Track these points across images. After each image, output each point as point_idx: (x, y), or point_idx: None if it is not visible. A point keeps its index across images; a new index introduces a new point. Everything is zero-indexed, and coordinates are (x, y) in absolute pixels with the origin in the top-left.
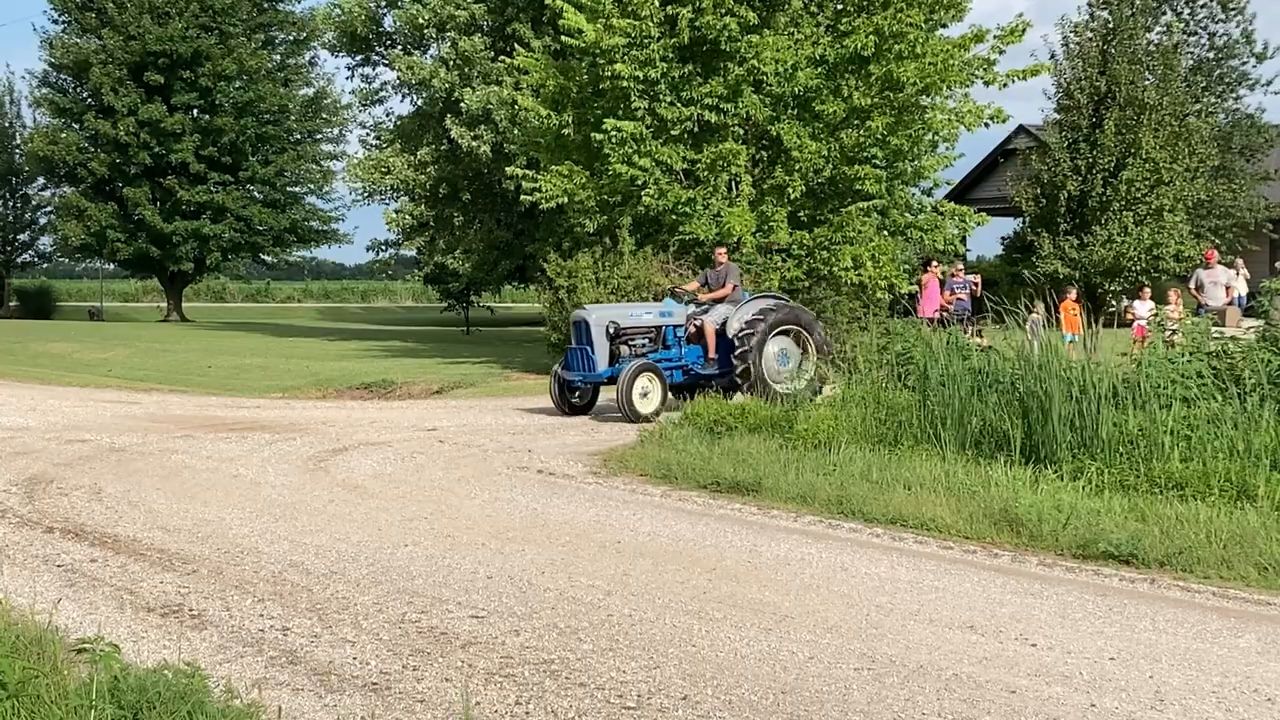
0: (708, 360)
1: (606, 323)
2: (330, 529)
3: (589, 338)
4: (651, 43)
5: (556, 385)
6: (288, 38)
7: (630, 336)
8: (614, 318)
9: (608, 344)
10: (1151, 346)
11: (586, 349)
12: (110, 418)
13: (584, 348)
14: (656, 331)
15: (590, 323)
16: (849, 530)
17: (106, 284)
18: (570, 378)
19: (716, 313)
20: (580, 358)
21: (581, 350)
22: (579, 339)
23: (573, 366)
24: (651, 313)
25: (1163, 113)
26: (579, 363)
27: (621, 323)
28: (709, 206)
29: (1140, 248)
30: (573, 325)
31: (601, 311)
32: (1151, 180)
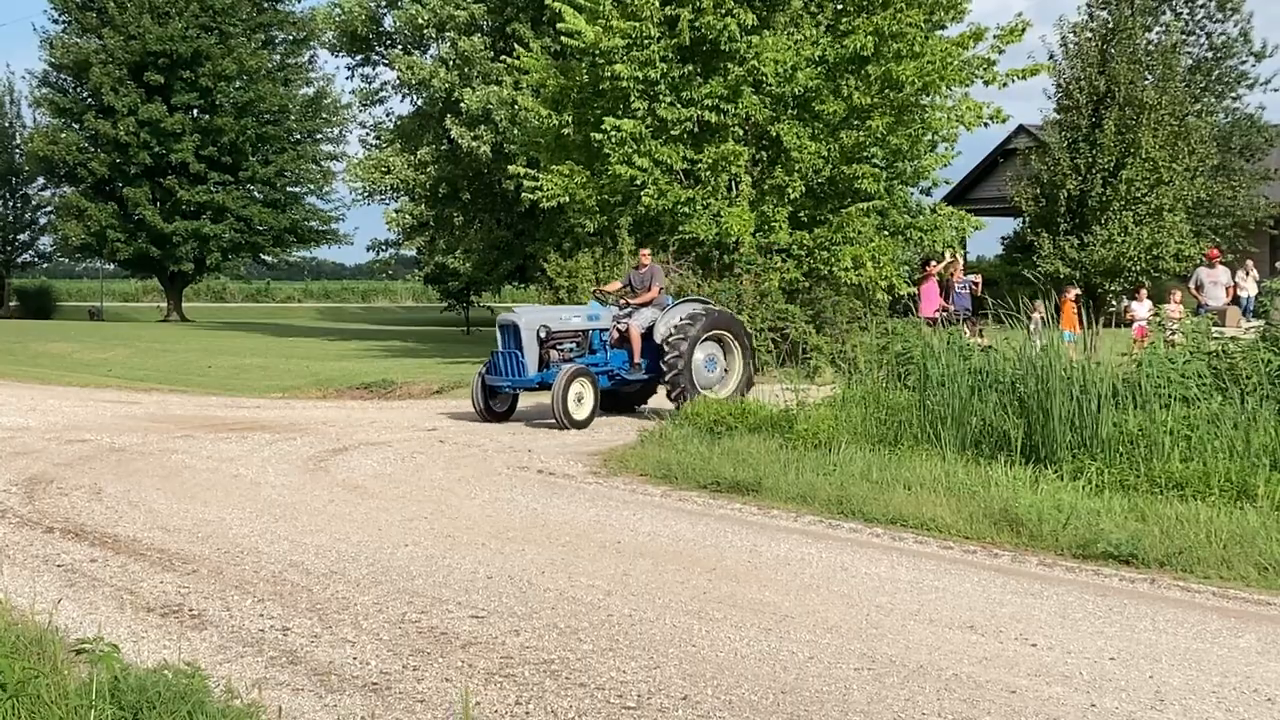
0: (633, 365)
1: (537, 327)
2: (330, 529)
3: (519, 342)
4: (651, 43)
5: (480, 391)
6: (288, 38)
7: (559, 341)
8: (544, 321)
9: (538, 349)
10: (1151, 346)
11: (516, 354)
12: (110, 418)
13: (513, 352)
14: (583, 336)
15: (520, 326)
16: (849, 530)
17: (106, 284)
18: (498, 383)
19: (642, 316)
20: (509, 362)
21: (511, 355)
22: (507, 343)
23: (500, 371)
24: (579, 316)
25: (1162, 112)
26: (508, 368)
27: (553, 327)
28: (709, 207)
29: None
30: (500, 329)
31: (532, 315)
32: (1151, 180)
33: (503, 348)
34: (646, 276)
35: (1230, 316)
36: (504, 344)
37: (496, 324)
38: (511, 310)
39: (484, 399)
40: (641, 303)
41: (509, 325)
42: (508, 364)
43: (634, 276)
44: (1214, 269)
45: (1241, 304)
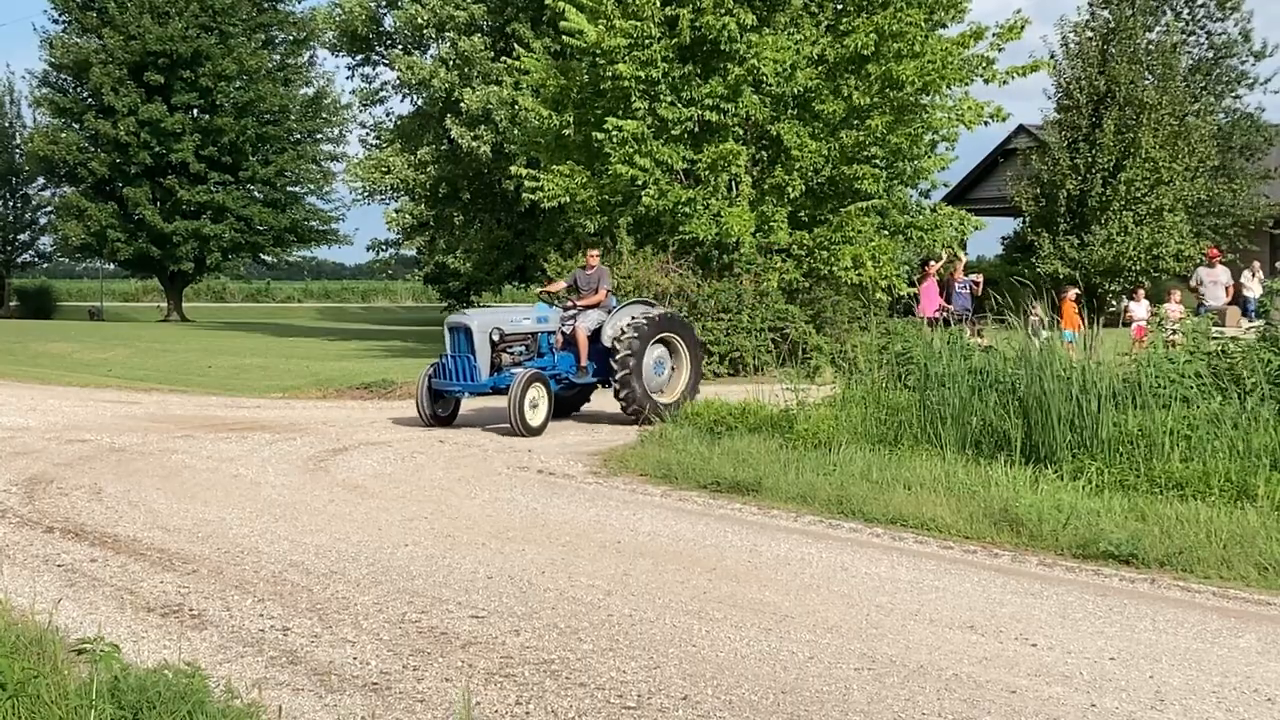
0: (580, 369)
1: (490, 329)
2: (330, 529)
3: (471, 345)
4: (652, 43)
5: (426, 396)
6: (288, 38)
7: (510, 344)
8: (497, 324)
9: (490, 352)
10: (1151, 346)
11: (468, 357)
12: (110, 418)
13: (465, 356)
14: (533, 338)
15: (473, 329)
16: (849, 530)
17: (106, 284)
18: (448, 388)
19: (589, 318)
20: (461, 366)
21: (463, 359)
22: (457, 347)
23: (451, 375)
24: (530, 318)
25: (1162, 112)
26: (459, 372)
27: (505, 329)
28: (709, 206)
29: (1140, 247)
30: (449, 332)
31: (484, 317)
32: (1151, 180)
33: (453, 351)
34: (594, 278)
35: (1230, 316)
36: (455, 347)
37: (445, 326)
38: (462, 312)
39: (430, 404)
40: (589, 304)
41: (460, 328)
42: (459, 368)
43: (581, 277)
44: (1213, 269)
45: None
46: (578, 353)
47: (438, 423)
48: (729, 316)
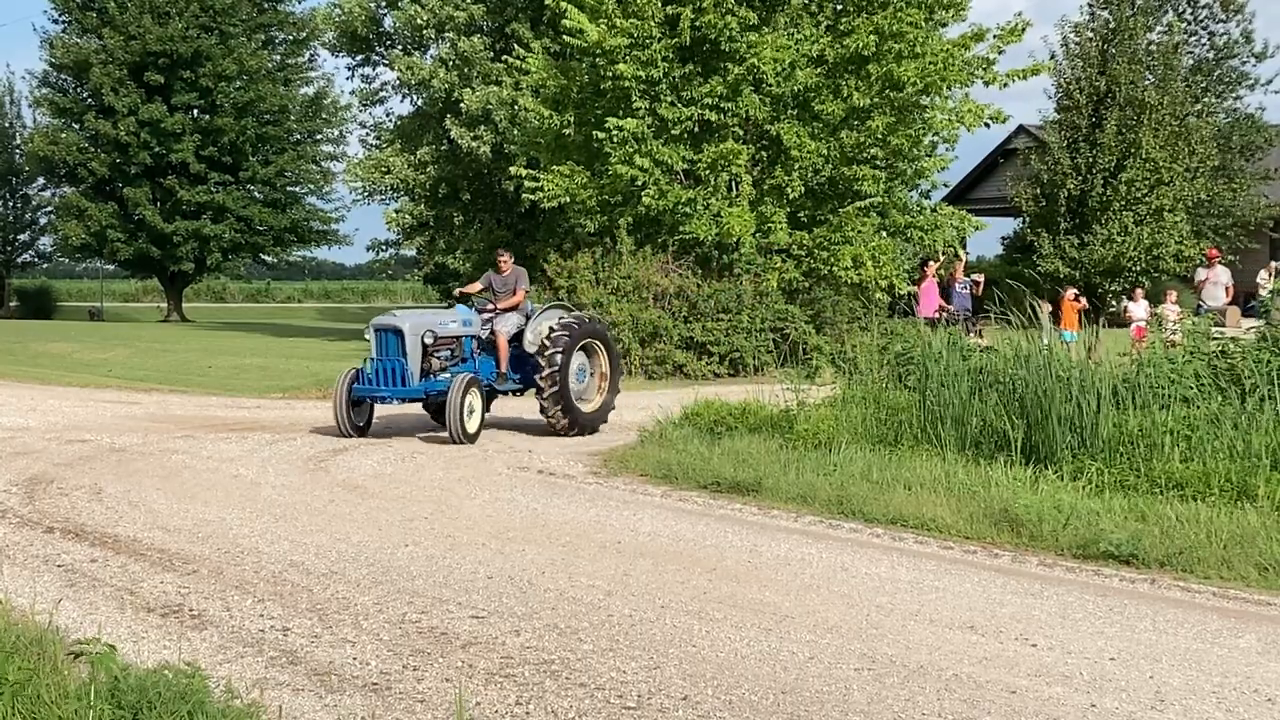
0: (500, 375)
1: (423, 332)
2: (330, 529)
3: (403, 348)
4: (653, 42)
5: (345, 404)
6: (288, 38)
7: (438, 348)
8: (429, 326)
9: (421, 357)
10: (1151, 346)
11: (400, 362)
12: (110, 418)
13: (396, 361)
14: (458, 342)
15: (406, 331)
16: (849, 530)
17: (106, 284)
18: (376, 394)
19: (507, 322)
20: (389, 372)
21: (393, 363)
22: (386, 351)
23: (378, 381)
24: (456, 321)
25: (1162, 112)
26: (387, 378)
27: (438, 332)
28: (709, 206)
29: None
30: (377, 334)
31: (416, 319)
32: (1151, 180)
33: (382, 355)
34: (510, 280)
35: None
36: (383, 351)
37: (371, 328)
38: (391, 314)
39: (348, 412)
40: (507, 307)
41: (391, 330)
42: (387, 374)
43: (495, 280)
44: (1213, 269)
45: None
46: (497, 358)
47: (356, 433)
48: (729, 316)
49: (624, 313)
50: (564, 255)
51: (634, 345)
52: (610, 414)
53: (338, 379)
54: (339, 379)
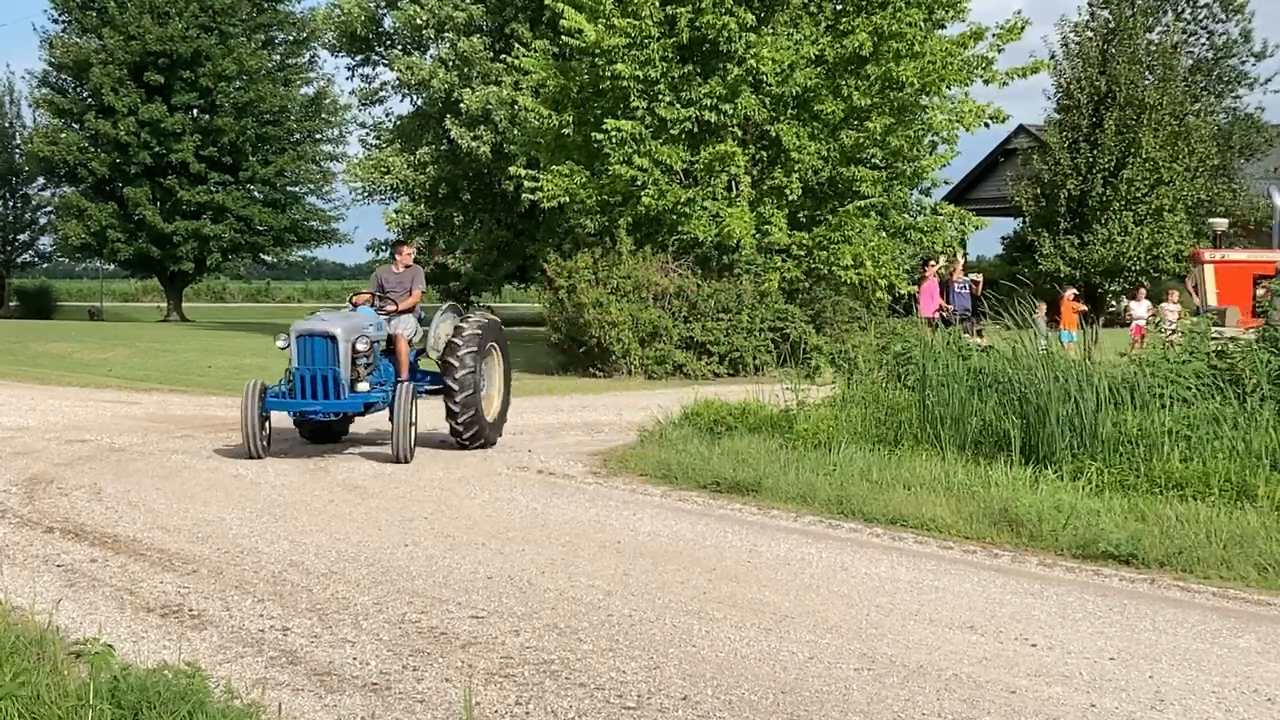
0: (399, 381)
1: (356, 337)
2: (330, 529)
3: (336, 357)
4: (651, 43)
5: (256, 419)
6: (288, 38)
7: (362, 355)
8: (361, 331)
9: (351, 366)
10: (1150, 346)
11: (333, 370)
12: (110, 418)
13: (328, 369)
14: (373, 348)
15: (339, 338)
16: (849, 530)
17: (106, 284)
18: (307, 408)
19: (406, 325)
20: (317, 382)
21: (324, 372)
22: (312, 359)
23: (302, 393)
24: (373, 325)
25: (1162, 112)
26: (315, 388)
27: (371, 336)
28: (708, 207)
29: (1140, 247)
30: (300, 341)
31: (348, 323)
32: (1151, 180)
33: (307, 364)
34: (407, 278)
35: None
36: (308, 359)
37: (293, 334)
38: (317, 317)
39: (259, 428)
40: (408, 308)
41: (323, 336)
42: (316, 383)
43: (389, 278)
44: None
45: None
46: (397, 364)
47: (266, 453)
48: (729, 316)
49: (624, 313)
50: (564, 255)
51: (634, 345)
52: (504, 427)
53: (245, 392)
54: (246, 392)
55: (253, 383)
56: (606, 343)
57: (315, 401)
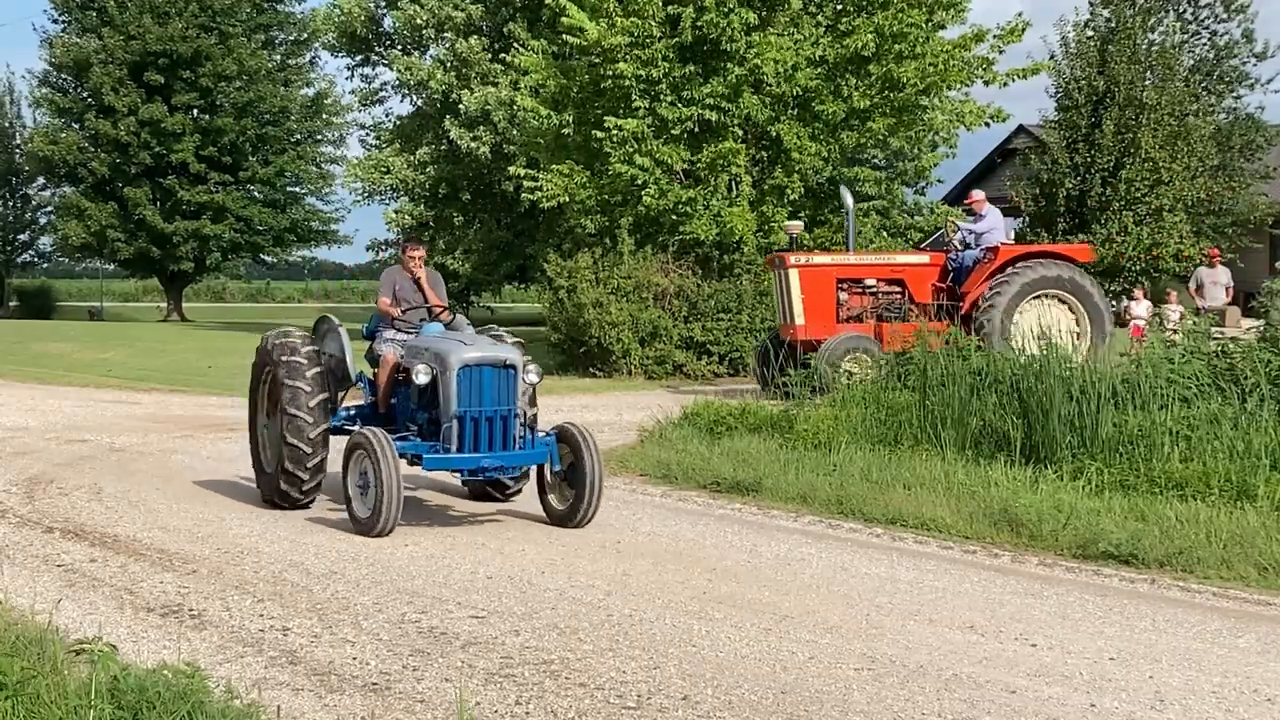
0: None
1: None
2: (330, 529)
3: (514, 393)
4: (653, 42)
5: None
6: (288, 38)
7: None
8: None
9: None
10: (1150, 346)
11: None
12: (110, 418)
13: (506, 408)
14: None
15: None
16: (849, 530)
17: (106, 284)
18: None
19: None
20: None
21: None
22: (485, 396)
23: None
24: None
25: (1162, 112)
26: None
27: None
28: (709, 207)
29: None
30: (469, 373)
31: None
32: (1151, 180)
33: (477, 404)
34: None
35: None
36: (480, 398)
37: (453, 364)
38: (489, 339)
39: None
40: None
41: (501, 366)
42: (492, 431)
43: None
44: (1214, 269)
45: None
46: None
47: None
48: (729, 316)
49: (624, 313)
50: (564, 255)
51: (634, 345)
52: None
53: (371, 447)
54: (375, 446)
55: (372, 435)
56: (606, 343)
57: (490, 454)
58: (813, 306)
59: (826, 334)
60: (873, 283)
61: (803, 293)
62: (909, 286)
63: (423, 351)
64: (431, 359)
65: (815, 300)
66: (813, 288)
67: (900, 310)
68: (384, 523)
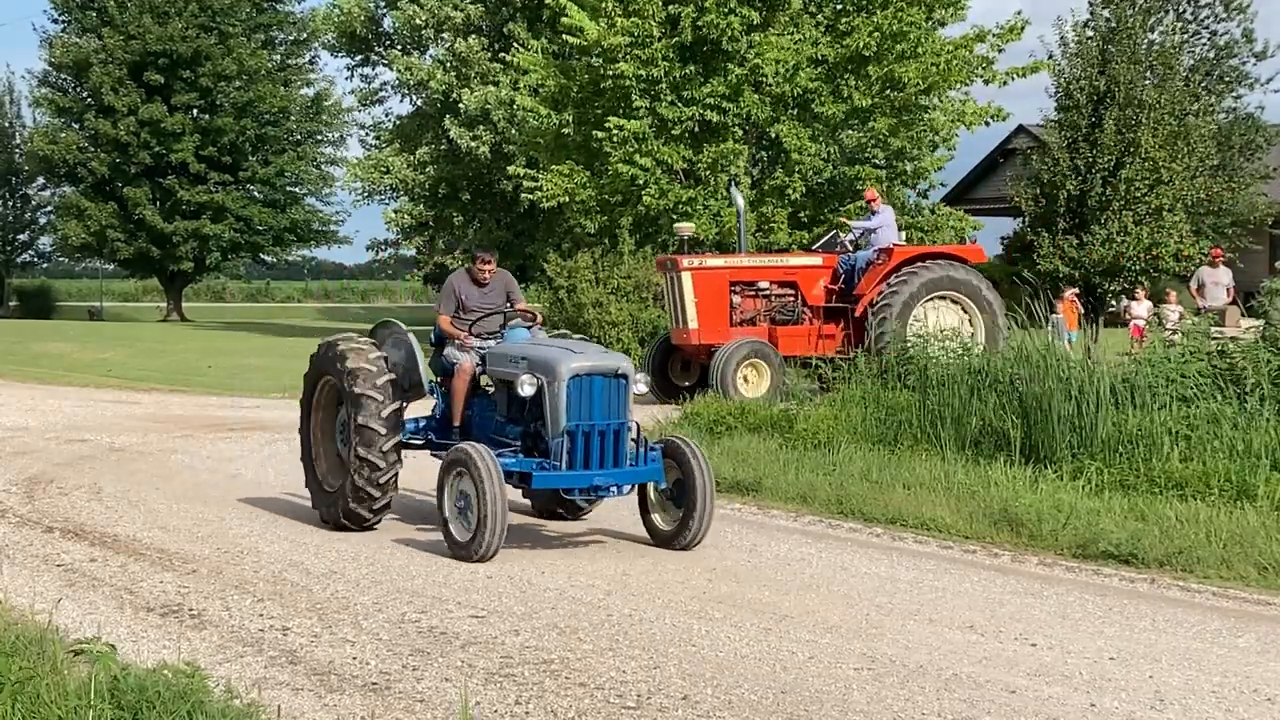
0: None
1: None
2: (329, 528)
3: (626, 405)
4: (654, 42)
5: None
6: (288, 38)
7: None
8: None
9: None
10: (1150, 346)
11: (624, 424)
12: (110, 418)
13: (619, 422)
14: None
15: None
16: (849, 530)
17: (106, 284)
18: (593, 483)
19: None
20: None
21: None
22: (595, 408)
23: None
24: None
25: (1162, 112)
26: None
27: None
28: (709, 206)
29: (1140, 247)
30: (579, 383)
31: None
32: (1151, 180)
33: (588, 416)
34: (496, 292)
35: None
36: (589, 410)
37: (562, 374)
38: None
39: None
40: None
41: (614, 375)
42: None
43: (473, 292)
44: (1216, 269)
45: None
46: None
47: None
48: None
49: (624, 313)
50: (564, 255)
51: (634, 345)
52: None
53: (474, 465)
54: (479, 463)
55: (474, 451)
56: (606, 343)
57: (603, 471)
58: (706, 310)
59: (720, 338)
60: (766, 285)
61: (696, 296)
62: (802, 289)
63: (518, 360)
64: (537, 368)
65: (709, 304)
66: (706, 291)
67: (793, 313)
68: (486, 547)
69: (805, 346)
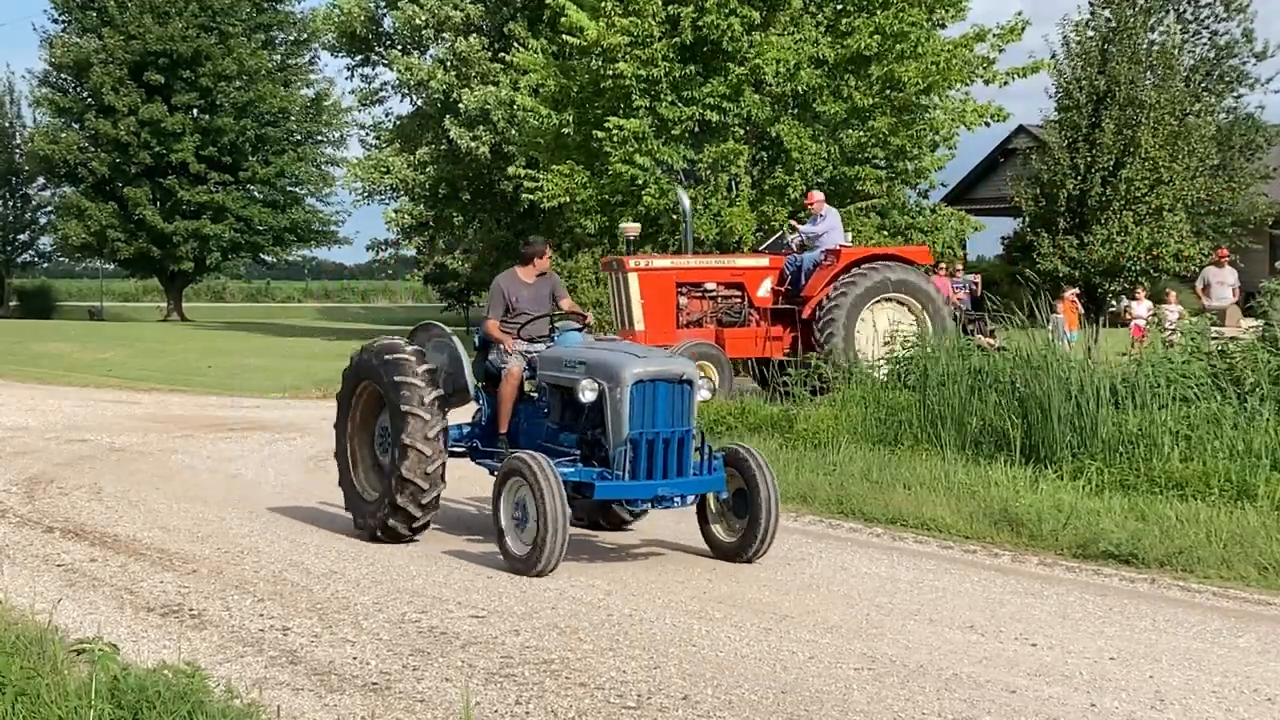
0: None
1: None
2: (330, 529)
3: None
4: (653, 42)
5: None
6: (288, 38)
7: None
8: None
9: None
10: (1150, 346)
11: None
12: (110, 418)
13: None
14: None
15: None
16: (849, 530)
17: (106, 284)
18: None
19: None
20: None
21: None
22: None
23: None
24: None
25: (1162, 111)
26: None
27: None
28: (709, 206)
29: (1140, 247)
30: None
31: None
32: (1151, 180)
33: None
34: (544, 291)
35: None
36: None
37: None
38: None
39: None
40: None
41: (677, 381)
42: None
43: (518, 292)
44: (1221, 269)
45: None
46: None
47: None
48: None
49: None
50: (564, 255)
51: None
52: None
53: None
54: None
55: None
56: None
57: (666, 481)
58: (652, 311)
59: (667, 340)
60: (712, 287)
61: (642, 297)
62: (748, 290)
63: (576, 364)
64: (597, 373)
65: (655, 305)
66: (652, 292)
67: (740, 315)
68: (546, 561)
69: (752, 348)
